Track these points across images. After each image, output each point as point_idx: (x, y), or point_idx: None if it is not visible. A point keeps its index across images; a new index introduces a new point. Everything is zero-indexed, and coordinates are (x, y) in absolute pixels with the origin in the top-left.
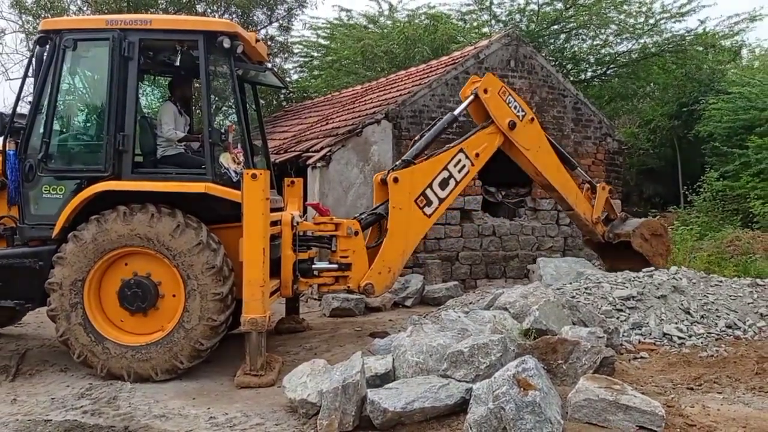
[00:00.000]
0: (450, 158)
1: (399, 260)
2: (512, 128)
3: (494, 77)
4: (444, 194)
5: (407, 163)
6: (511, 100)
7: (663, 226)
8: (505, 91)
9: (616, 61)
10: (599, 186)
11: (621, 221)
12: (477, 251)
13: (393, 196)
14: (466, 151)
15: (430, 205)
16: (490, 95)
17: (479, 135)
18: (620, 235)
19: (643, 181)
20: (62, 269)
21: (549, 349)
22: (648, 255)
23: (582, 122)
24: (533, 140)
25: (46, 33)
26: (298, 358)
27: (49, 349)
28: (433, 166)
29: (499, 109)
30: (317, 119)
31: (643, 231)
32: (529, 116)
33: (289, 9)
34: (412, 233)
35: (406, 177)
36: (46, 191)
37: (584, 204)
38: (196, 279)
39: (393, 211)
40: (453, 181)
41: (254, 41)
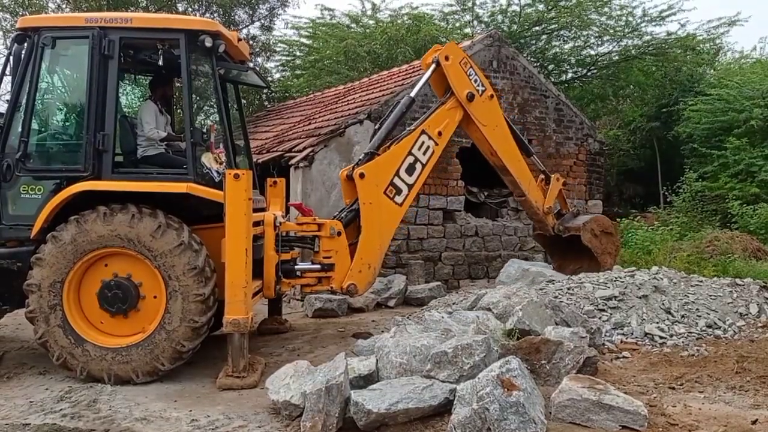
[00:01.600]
0: (413, 142)
1: (377, 255)
2: (470, 100)
3: (457, 47)
4: (412, 180)
5: (371, 155)
6: (472, 72)
7: (613, 225)
8: (467, 62)
9: (597, 62)
10: (554, 177)
11: (572, 216)
12: (460, 251)
13: (361, 192)
14: (428, 131)
15: (400, 194)
16: (451, 63)
17: (439, 112)
18: (570, 229)
19: (624, 181)
20: (41, 270)
21: (532, 350)
22: (597, 252)
23: (564, 123)
24: (491, 117)
25: (24, 30)
26: (280, 359)
27: (28, 352)
28: (396, 154)
29: (459, 79)
30: (300, 119)
31: (593, 226)
32: (489, 92)
33: (271, 8)
34: (386, 226)
35: (371, 170)
36: (25, 191)
37: (537, 192)
38: (177, 280)
39: (364, 207)
40: (419, 165)
41: (236, 40)
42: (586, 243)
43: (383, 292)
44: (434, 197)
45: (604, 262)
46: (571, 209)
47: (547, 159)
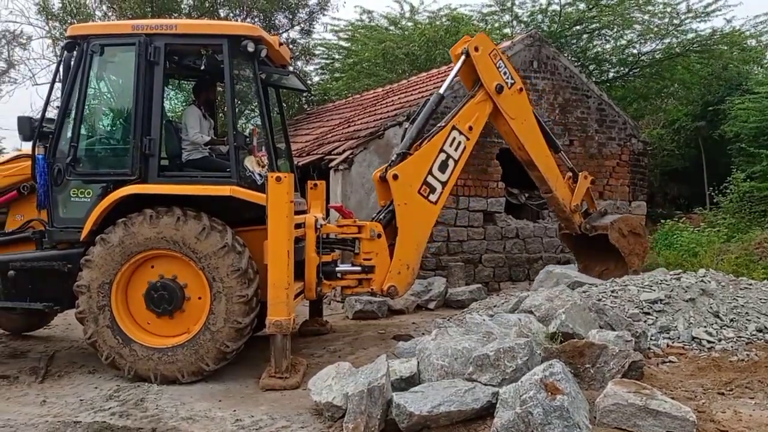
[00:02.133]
0: (444, 139)
1: (415, 255)
2: (499, 92)
3: (487, 37)
4: (445, 177)
5: (403, 155)
6: (501, 64)
7: (642, 226)
8: (496, 54)
9: (640, 61)
10: (581, 175)
11: (599, 215)
12: (500, 254)
13: (396, 193)
14: (458, 127)
15: (434, 192)
16: (481, 54)
17: (469, 106)
18: (597, 228)
19: (668, 182)
20: (90, 272)
21: (576, 353)
22: (624, 252)
23: (606, 123)
24: (520, 110)
25: (73, 38)
26: (322, 360)
27: (78, 351)
28: (428, 152)
29: (488, 71)
30: (339, 122)
31: (621, 226)
32: (518, 85)
33: (311, 12)
34: (422, 225)
35: (404, 171)
36: (74, 195)
37: (564, 189)
38: (221, 281)
39: (399, 209)
40: (452, 162)
41: (277, 45)
42: (614, 242)
43: (423, 294)
44: (474, 199)
45: (632, 263)
46: (599, 208)
47: (589, 160)
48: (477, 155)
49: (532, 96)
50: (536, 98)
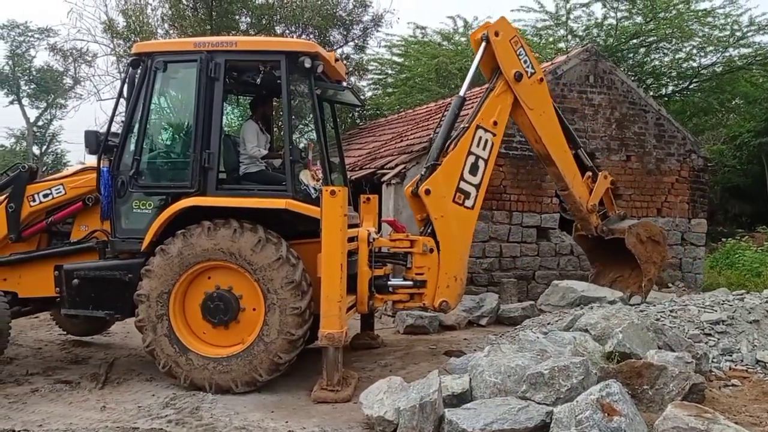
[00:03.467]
0: (470, 140)
1: (460, 265)
2: (518, 80)
3: (508, 21)
4: (478, 179)
5: (432, 167)
6: (522, 52)
7: (663, 233)
8: (517, 41)
9: (700, 75)
10: (601, 174)
11: (618, 218)
12: (554, 270)
13: (431, 208)
14: (483, 125)
15: (469, 197)
16: (501, 39)
17: (490, 101)
18: (614, 231)
19: (729, 199)
20: (150, 281)
21: (634, 374)
22: (640, 259)
23: (665, 138)
24: (539, 101)
25: (138, 56)
26: (373, 374)
27: (136, 359)
28: (457, 158)
29: (508, 57)
30: (391, 136)
31: (639, 231)
32: (539, 75)
33: (365, 28)
34: (462, 234)
35: (435, 184)
36: (136, 206)
37: (582, 188)
38: (275, 293)
39: (437, 222)
40: (482, 162)
41: (333, 61)
42: (630, 247)
43: (475, 311)
44: (528, 214)
45: (647, 271)
46: (619, 212)
47: (647, 176)
48: (531, 170)
49: (588, 111)
50: (592, 113)
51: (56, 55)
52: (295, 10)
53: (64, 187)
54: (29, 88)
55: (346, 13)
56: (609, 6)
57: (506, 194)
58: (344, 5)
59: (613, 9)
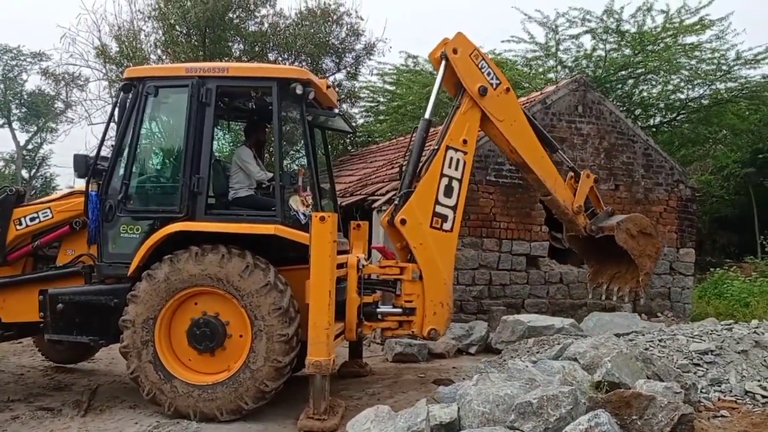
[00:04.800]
0: (441, 162)
1: (445, 291)
2: (483, 94)
3: (466, 37)
4: (453, 201)
5: (407, 194)
6: (484, 65)
7: (653, 226)
8: (477, 54)
9: (687, 106)
10: (584, 173)
11: (606, 215)
12: (543, 299)
13: (409, 237)
14: (453, 145)
15: (446, 220)
16: (460, 56)
17: (457, 120)
18: (603, 229)
19: (717, 229)
20: (136, 307)
21: (622, 404)
22: (633, 254)
23: (653, 168)
24: (508, 112)
25: (130, 80)
26: (360, 403)
27: (120, 386)
28: (430, 182)
29: (469, 73)
30: (383, 163)
31: (629, 226)
32: (505, 85)
33: (357, 57)
34: (443, 258)
35: (410, 213)
36: (124, 231)
37: (564, 191)
38: (263, 319)
39: (416, 251)
40: (456, 183)
41: (325, 87)
42: (621, 243)
43: (464, 339)
44: (517, 242)
45: (643, 265)
46: (606, 209)
47: (636, 205)
48: (521, 198)
49: (577, 141)
50: (581, 143)
51: (48, 79)
52: (288, 37)
53: (52, 211)
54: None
55: (338, 41)
56: (598, 38)
57: (496, 222)
58: (337, 34)
59: (602, 41)
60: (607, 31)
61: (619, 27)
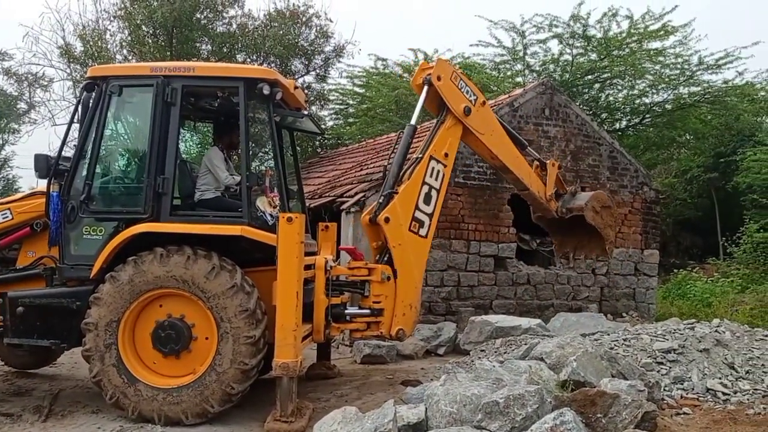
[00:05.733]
0: (424, 171)
1: (415, 293)
2: (467, 114)
3: (446, 62)
4: (431, 209)
5: (389, 195)
6: (462, 84)
7: (610, 198)
8: (456, 76)
9: (652, 111)
10: (549, 163)
11: (571, 196)
12: (511, 300)
13: (389, 235)
14: (435, 156)
15: (423, 226)
16: (444, 82)
17: (441, 134)
18: (573, 209)
19: (681, 231)
20: (98, 309)
21: (587, 402)
22: (600, 227)
23: (618, 171)
24: (487, 124)
25: (93, 79)
26: (328, 405)
27: (82, 390)
28: (413, 188)
29: (454, 96)
30: (352, 165)
31: (594, 204)
32: (481, 99)
33: (326, 59)
34: (417, 262)
35: (394, 212)
36: (87, 232)
37: (537, 182)
38: (229, 322)
39: (395, 251)
40: (434, 192)
41: (293, 88)
42: (590, 221)
43: (433, 340)
44: (485, 244)
45: (607, 235)
46: (569, 189)
47: None
48: (489, 200)
49: (543, 143)
50: (548, 145)
51: (10, 79)
52: (256, 38)
53: (11, 212)
54: None
55: (307, 43)
56: (565, 43)
57: (464, 223)
58: (306, 35)
59: (569, 46)
60: (574, 36)
61: (586, 32)
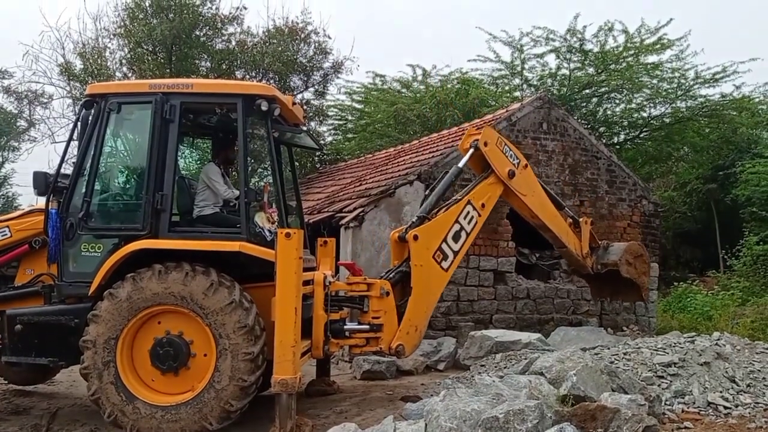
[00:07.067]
0: (460, 211)
1: (424, 318)
2: (512, 177)
3: (492, 129)
4: (457, 247)
5: (422, 219)
6: (507, 149)
7: (642, 246)
8: (501, 141)
9: (650, 124)
10: (582, 221)
11: (604, 250)
12: (511, 314)
13: (414, 254)
14: (473, 202)
15: (446, 259)
16: (490, 148)
17: (482, 186)
18: (608, 265)
19: (680, 244)
20: (97, 327)
21: (588, 417)
22: (634, 277)
23: (616, 184)
24: (529, 186)
25: (92, 97)
26: (328, 421)
27: (81, 409)
28: (445, 220)
29: (499, 161)
30: (350, 180)
31: (627, 257)
32: (523, 163)
33: (325, 75)
34: (433, 289)
35: (424, 233)
36: (85, 249)
37: (574, 240)
38: (227, 338)
39: (415, 269)
40: (464, 234)
41: (291, 104)
42: (625, 275)
43: (433, 355)
44: (485, 258)
45: (643, 282)
46: (601, 244)
47: (600, 220)
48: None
49: (542, 157)
50: (546, 159)
51: (10, 97)
52: (255, 55)
53: (10, 230)
54: None
55: (306, 59)
56: (562, 57)
57: None
58: (305, 52)
59: (566, 60)
60: (571, 50)
61: (582, 46)
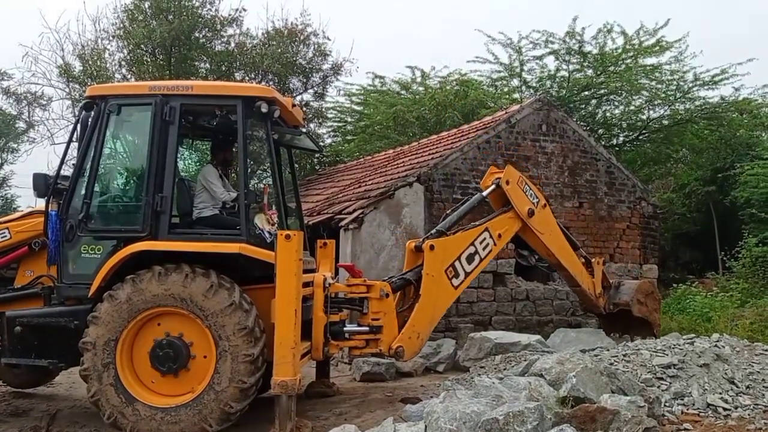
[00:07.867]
0: (477, 235)
1: (427, 327)
2: (531, 216)
3: (514, 169)
4: (470, 268)
5: (440, 233)
6: (527, 188)
7: (652, 284)
8: (522, 180)
9: (649, 126)
10: (594, 261)
11: (615, 290)
12: (510, 316)
13: (428, 263)
14: (490, 230)
15: (457, 277)
16: (512, 186)
17: (502, 218)
18: (619, 305)
19: (679, 246)
20: (96, 328)
21: (587, 418)
22: (646, 315)
23: (615, 186)
24: (547, 225)
25: (92, 98)
26: (327, 423)
27: (80, 410)
28: (463, 240)
29: (520, 199)
30: (350, 182)
31: (638, 297)
32: (542, 202)
33: (324, 77)
34: (440, 302)
35: (440, 245)
36: (85, 251)
37: (588, 280)
38: (227, 340)
39: (426, 278)
40: (478, 257)
41: (290, 106)
42: (637, 314)
43: (432, 357)
44: None
45: (654, 319)
46: (612, 282)
47: (599, 222)
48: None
49: (541, 159)
50: (545, 161)
51: (9, 98)
52: (254, 57)
53: (10, 231)
54: None
55: (305, 61)
56: (561, 59)
57: None
58: (304, 53)
59: (565, 62)
60: (570, 52)
61: (581, 48)
